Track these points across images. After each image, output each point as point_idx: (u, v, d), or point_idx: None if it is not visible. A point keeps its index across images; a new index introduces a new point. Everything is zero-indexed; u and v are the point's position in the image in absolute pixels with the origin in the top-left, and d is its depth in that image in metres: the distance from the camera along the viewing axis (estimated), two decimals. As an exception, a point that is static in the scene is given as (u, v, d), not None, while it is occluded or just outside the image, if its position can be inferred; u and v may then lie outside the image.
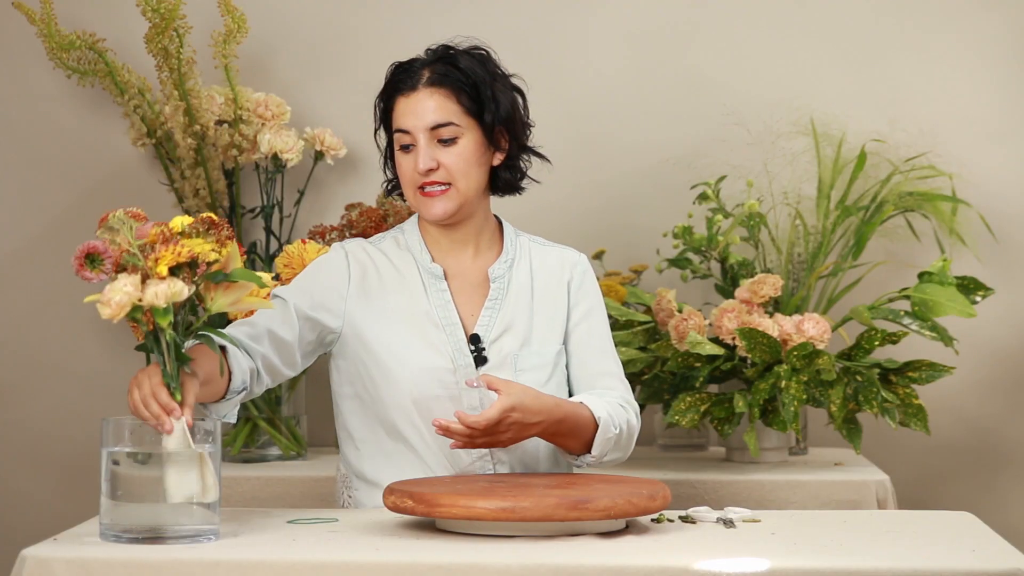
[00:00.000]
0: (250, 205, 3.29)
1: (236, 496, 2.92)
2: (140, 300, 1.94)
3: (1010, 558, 1.90)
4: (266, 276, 2.07)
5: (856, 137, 3.21)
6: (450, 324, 2.39)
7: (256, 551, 1.94)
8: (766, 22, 3.37)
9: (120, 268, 1.99)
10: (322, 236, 3.02)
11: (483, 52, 2.43)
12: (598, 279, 3.22)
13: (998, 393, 3.36)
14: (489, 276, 2.44)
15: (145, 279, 1.95)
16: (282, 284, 2.44)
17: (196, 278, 1.98)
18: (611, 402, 2.39)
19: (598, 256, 3.30)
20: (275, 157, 3.17)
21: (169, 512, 1.96)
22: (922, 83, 3.35)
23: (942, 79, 3.35)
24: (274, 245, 3.24)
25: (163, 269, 1.94)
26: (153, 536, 1.95)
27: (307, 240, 2.86)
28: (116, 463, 1.98)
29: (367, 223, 3.01)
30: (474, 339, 2.39)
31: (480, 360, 2.38)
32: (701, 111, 3.34)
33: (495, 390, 2.24)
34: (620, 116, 3.38)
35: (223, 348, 2.16)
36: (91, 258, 2.66)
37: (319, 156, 3.24)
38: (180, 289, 1.94)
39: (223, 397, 2.17)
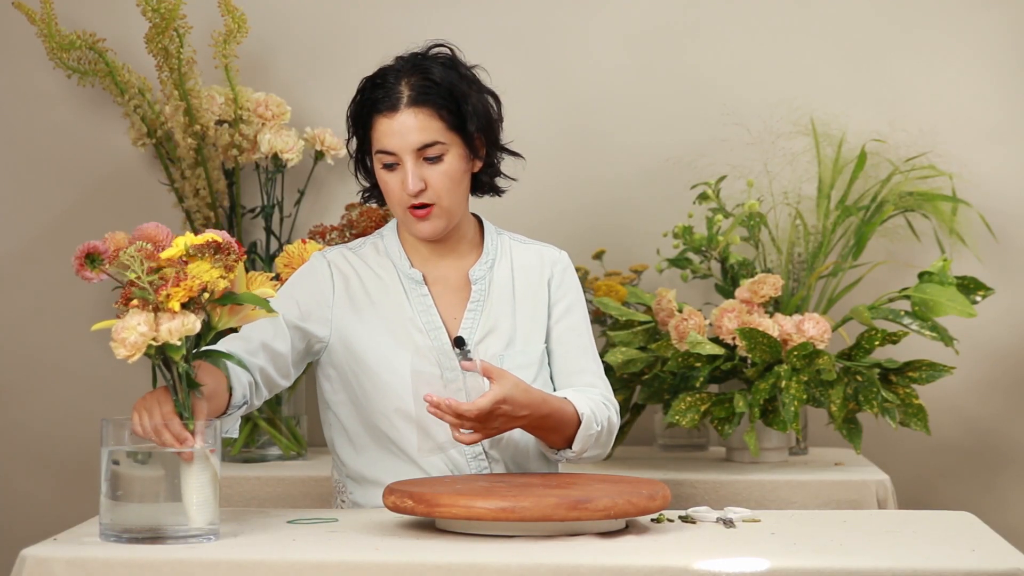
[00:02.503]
0: (250, 205, 3.29)
1: (236, 496, 2.92)
2: (155, 339, 1.94)
3: (1010, 558, 1.90)
4: (269, 291, 2.06)
5: (856, 137, 3.21)
6: (434, 329, 2.40)
7: (256, 551, 1.94)
8: (766, 22, 3.37)
9: (129, 298, 1.98)
10: (322, 236, 3.01)
11: (450, 54, 2.39)
12: (598, 279, 3.24)
13: (998, 393, 3.36)
14: (470, 278, 2.44)
15: (156, 311, 1.95)
16: (282, 284, 2.43)
17: (205, 300, 1.98)
18: (594, 399, 2.40)
19: (598, 256, 3.29)
20: (275, 157, 3.17)
21: (169, 512, 1.96)
22: (922, 83, 3.35)
23: (942, 79, 3.35)
24: (274, 245, 3.24)
25: (175, 305, 1.94)
26: (153, 536, 1.95)
27: (307, 240, 2.86)
28: (116, 463, 1.98)
29: (367, 223, 3.00)
30: (459, 342, 2.39)
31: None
32: (701, 111, 3.34)
33: (488, 376, 2.25)
34: (620, 116, 3.37)
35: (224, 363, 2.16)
36: (91, 258, 2.67)
37: (319, 156, 3.24)
38: (193, 324, 1.95)
39: (224, 412, 2.17)
